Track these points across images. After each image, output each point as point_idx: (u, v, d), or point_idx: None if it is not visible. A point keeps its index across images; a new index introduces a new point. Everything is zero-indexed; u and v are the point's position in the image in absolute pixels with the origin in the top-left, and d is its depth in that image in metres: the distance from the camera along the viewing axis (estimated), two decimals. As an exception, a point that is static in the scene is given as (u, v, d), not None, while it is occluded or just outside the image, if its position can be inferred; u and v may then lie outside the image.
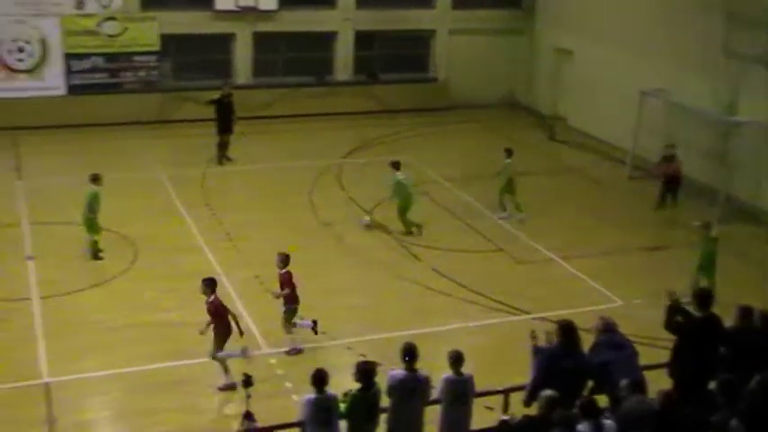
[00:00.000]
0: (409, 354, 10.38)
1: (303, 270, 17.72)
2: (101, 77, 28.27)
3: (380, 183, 21.97)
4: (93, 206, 17.93)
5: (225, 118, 24.54)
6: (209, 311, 13.49)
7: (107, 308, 16.08)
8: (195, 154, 25.05)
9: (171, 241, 19.23)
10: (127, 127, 27.30)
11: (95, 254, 18.13)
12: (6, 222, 19.79)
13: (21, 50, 27.35)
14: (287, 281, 14.65)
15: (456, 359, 10.55)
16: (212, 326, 13.59)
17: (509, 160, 21.09)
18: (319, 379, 10.18)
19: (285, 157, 23.92)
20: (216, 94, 24.82)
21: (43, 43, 27.51)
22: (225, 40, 29.57)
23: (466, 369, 10.58)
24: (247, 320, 15.65)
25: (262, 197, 22.42)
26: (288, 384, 13.69)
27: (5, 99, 26.98)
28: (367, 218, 20.51)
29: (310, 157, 25.14)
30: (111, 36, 28.02)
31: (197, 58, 29.51)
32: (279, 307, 16.13)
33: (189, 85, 29.11)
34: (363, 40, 30.81)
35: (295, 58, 30.47)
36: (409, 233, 20.01)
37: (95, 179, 18.23)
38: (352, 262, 18.69)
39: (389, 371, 10.53)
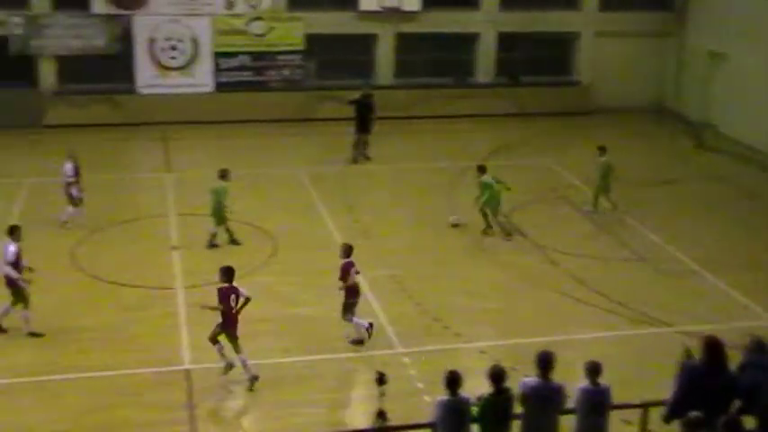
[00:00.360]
0: (544, 362, 10.11)
1: (439, 271, 17.86)
2: (247, 75, 29.12)
3: (517, 185, 21.70)
4: (221, 201, 18.43)
5: (364, 118, 24.81)
6: (218, 297, 13.51)
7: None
8: (336, 152, 25.39)
9: (309, 237, 19.52)
10: (270, 124, 27.98)
11: (212, 243, 18.66)
12: (155, 213, 20.61)
13: (173, 48, 28.48)
14: (345, 271, 14.68)
15: (593, 369, 10.20)
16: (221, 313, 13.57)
17: (603, 158, 20.79)
18: (452, 381, 10.05)
19: (424, 158, 23.94)
20: (356, 95, 25.07)
21: (195, 42, 28.55)
22: (368, 41, 29.88)
23: (603, 380, 10.22)
24: (381, 319, 15.70)
25: (400, 197, 22.49)
26: (419, 385, 13.62)
27: (157, 95, 28.15)
28: (455, 217, 20.17)
29: (449, 159, 25.05)
30: (257, 35, 28.80)
31: (340, 57, 29.93)
32: (413, 307, 16.20)
33: (331, 84, 29.57)
34: (505, 41, 30.51)
35: (436, 59, 30.49)
36: (488, 229, 19.74)
37: (223, 175, 18.73)
38: (489, 265, 18.45)
39: (523, 378, 10.30)
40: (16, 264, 14.50)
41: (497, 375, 10.06)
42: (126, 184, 22.81)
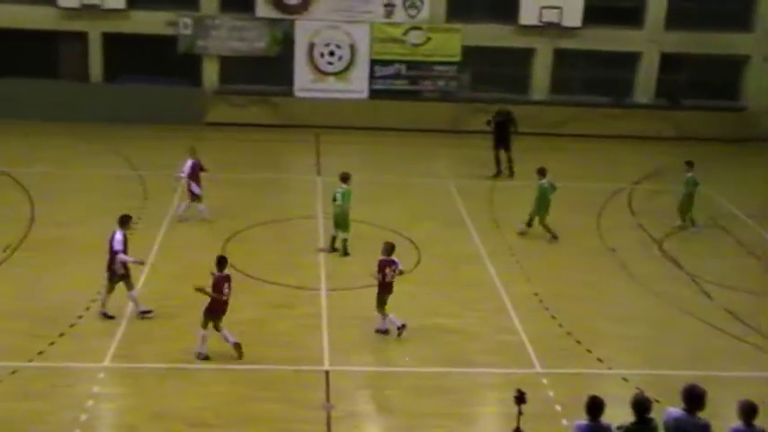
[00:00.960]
0: (692, 396, 9.64)
1: (584, 292, 17.41)
2: (401, 84, 29.35)
3: (672, 211, 20.95)
4: (345, 204, 18.61)
5: (499, 135, 24.75)
6: (212, 284, 13.97)
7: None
8: (485, 166, 25.21)
9: (453, 249, 19.43)
10: (421, 134, 28.11)
11: (345, 251, 18.65)
12: (304, 215, 21.00)
13: (331, 54, 29.02)
14: (381, 268, 15.20)
15: (749, 410, 9.64)
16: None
17: (690, 174, 20.75)
18: (594, 406, 9.78)
19: (576, 177, 23.42)
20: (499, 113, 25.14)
21: (352, 48, 29.01)
22: (525, 55, 29.56)
23: (759, 422, 9.63)
24: (521, 337, 15.44)
25: (549, 214, 22.00)
26: (557, 407, 13.27)
27: (313, 99, 28.75)
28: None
29: (601, 179, 24.42)
30: (414, 45, 29.00)
31: (495, 71, 29.73)
32: (555, 328, 15.85)
33: (485, 97, 29.37)
34: (668, 62, 29.51)
35: (593, 77, 29.86)
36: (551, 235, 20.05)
37: (345, 179, 18.83)
38: (637, 291, 17.83)
39: (667, 408, 9.85)
40: (124, 252, 15.30)
41: (641, 404, 9.71)
42: (278, 184, 23.37)
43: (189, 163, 19.91)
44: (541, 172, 20.25)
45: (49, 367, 13.70)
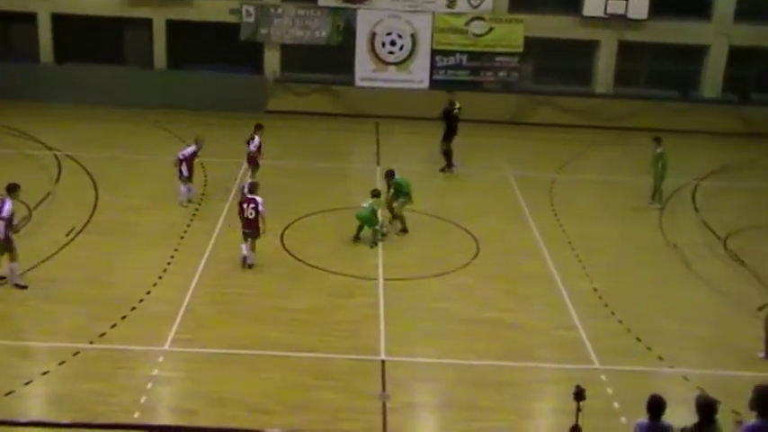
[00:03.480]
0: (763, 400, 9.37)
1: (646, 290, 17.13)
2: (462, 75, 29.16)
3: (738, 209, 20.45)
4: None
5: (449, 126, 23.76)
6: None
7: (445, 298, 16.43)
8: (546, 158, 24.96)
9: (512, 242, 19.26)
10: (482, 125, 27.84)
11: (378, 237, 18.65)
12: (364, 203, 20.91)
13: (393, 44, 28.95)
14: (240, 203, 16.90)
15: (655, 404, 9.73)
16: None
17: (661, 149, 21.29)
18: (656, 405, 9.68)
19: (639, 172, 22.98)
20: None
21: (414, 38, 28.90)
22: (588, 47, 29.14)
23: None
24: (581, 333, 15.23)
25: (609, 209, 21.73)
26: (616, 405, 13.06)
27: (373, 89, 28.69)
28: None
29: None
30: (476, 35, 28.76)
31: (558, 62, 29.38)
32: (615, 324, 15.63)
33: (547, 89, 29.10)
34: (737, 56, 28.82)
35: (659, 71, 29.32)
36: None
37: (376, 195, 18.71)
38: (700, 288, 17.46)
39: (731, 412, 9.64)
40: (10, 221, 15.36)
41: (707, 406, 9.51)
42: (337, 173, 23.41)
43: (193, 148, 20.39)
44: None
45: (110, 349, 13.92)
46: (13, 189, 15.74)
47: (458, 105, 23.78)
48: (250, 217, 16.72)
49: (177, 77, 28.95)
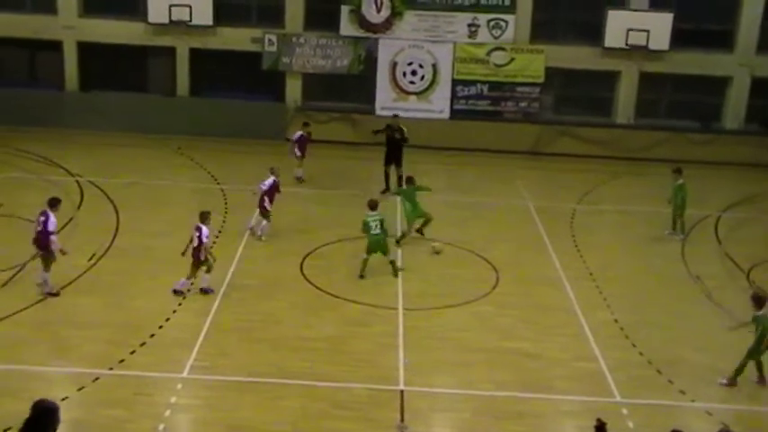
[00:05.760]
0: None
1: (667, 321, 16.99)
2: (483, 105, 29.23)
3: (762, 241, 20.27)
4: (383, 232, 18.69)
5: (391, 150, 23.89)
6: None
7: (464, 328, 16.35)
8: (566, 188, 24.91)
9: (532, 271, 19.17)
10: (502, 155, 27.93)
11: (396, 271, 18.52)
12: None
13: (414, 73, 29.08)
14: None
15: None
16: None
17: (681, 180, 21.33)
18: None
19: (660, 203, 22.87)
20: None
21: (434, 68, 29.01)
22: (609, 78, 29.15)
23: None
24: (601, 364, 15.09)
25: (630, 240, 21.63)
26: (637, 439, 12.94)
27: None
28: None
29: (687, 206, 23.77)
30: (497, 65, 28.85)
31: (579, 93, 29.40)
32: (636, 356, 15.46)
33: (568, 119, 29.10)
34: (760, 87, 28.71)
35: (680, 102, 29.27)
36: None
37: (374, 206, 18.63)
38: (722, 321, 17.21)
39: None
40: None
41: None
42: (357, 201, 23.36)
43: (270, 180, 20.12)
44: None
45: (129, 376, 13.92)
46: (54, 203, 16.38)
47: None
48: (194, 245, 16.71)
49: (199, 105, 29.20)
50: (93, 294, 16.74)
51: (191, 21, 28.46)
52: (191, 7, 28.31)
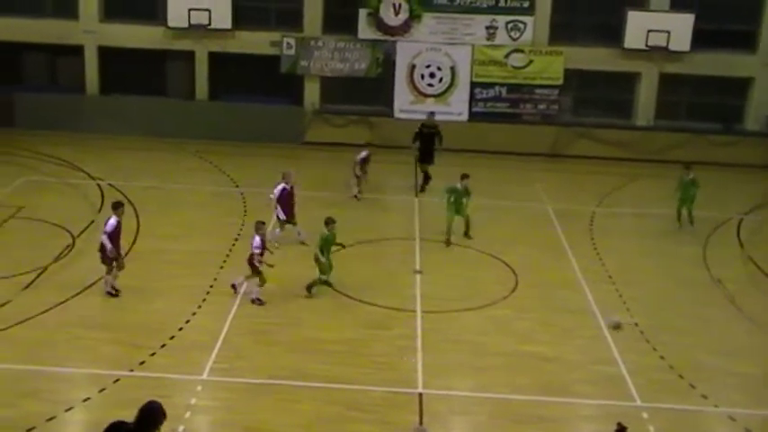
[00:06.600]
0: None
1: (688, 325, 16.88)
2: (501, 107, 29.15)
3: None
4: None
5: (424, 148, 24.63)
6: None
7: (483, 331, 16.30)
8: (585, 191, 24.79)
9: (551, 274, 19.08)
10: (521, 157, 27.82)
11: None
12: (402, 236, 20.99)
13: (432, 76, 29.04)
14: None
15: None
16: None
17: (692, 175, 21.73)
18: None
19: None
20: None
21: (453, 71, 28.96)
22: (629, 79, 28.98)
23: None
24: (621, 368, 15.00)
25: (650, 243, 21.46)
26: (658, 443, 12.84)
27: (412, 120, 28.69)
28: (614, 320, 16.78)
29: (708, 209, 23.55)
30: (516, 68, 28.75)
31: (598, 95, 29.27)
32: (657, 360, 15.35)
33: (587, 121, 28.97)
34: (783, 87, 28.51)
35: (701, 103, 29.07)
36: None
37: (329, 222, 17.72)
38: (745, 325, 17.12)
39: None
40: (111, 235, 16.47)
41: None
42: (375, 204, 23.42)
43: (279, 187, 19.76)
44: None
45: (149, 377, 13.97)
46: (117, 206, 16.83)
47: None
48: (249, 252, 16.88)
49: (218, 108, 29.27)
50: (112, 296, 16.79)
51: (210, 24, 28.54)
52: (210, 11, 28.39)
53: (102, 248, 16.57)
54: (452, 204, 20.52)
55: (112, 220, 16.54)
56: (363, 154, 23.29)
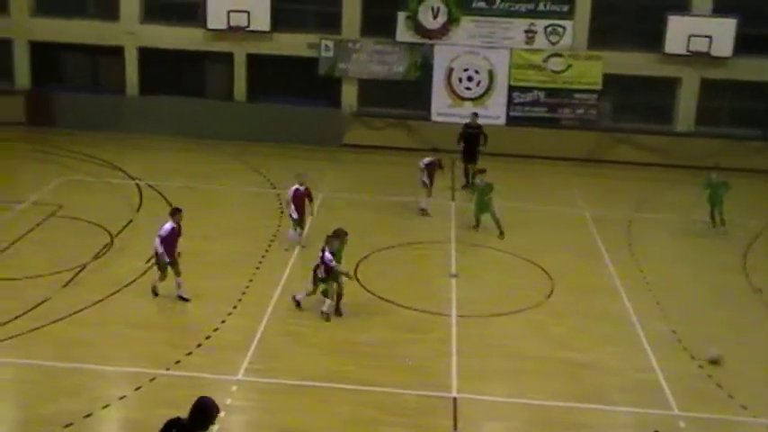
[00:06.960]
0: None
1: (727, 333, 16.61)
2: (539, 111, 29.00)
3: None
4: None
5: (468, 148, 25.15)
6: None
7: (518, 336, 16.21)
8: (623, 196, 24.58)
9: (588, 280, 18.94)
10: (558, 162, 27.67)
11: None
12: (438, 239, 20.95)
13: (470, 79, 28.99)
14: None
15: None
16: None
17: (719, 178, 21.88)
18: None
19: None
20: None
21: (491, 74, 28.88)
22: (669, 85, 28.69)
23: None
24: (659, 376, 14.83)
25: (688, 250, 21.25)
26: (695, 452, 12.67)
27: (449, 123, 28.68)
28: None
29: (748, 216, 23.31)
30: (554, 72, 28.60)
31: (638, 100, 29.02)
32: (695, 369, 15.16)
33: (626, 126, 28.74)
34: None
35: (743, 109, 28.70)
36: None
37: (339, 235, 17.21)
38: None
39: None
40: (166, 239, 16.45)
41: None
42: (412, 207, 23.37)
43: (293, 188, 19.57)
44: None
45: (185, 377, 14.06)
46: (175, 213, 16.90)
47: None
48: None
49: (256, 110, 29.46)
50: (151, 296, 16.94)
51: (248, 26, 28.75)
52: (249, 13, 28.60)
53: (156, 252, 16.63)
54: (479, 200, 21.12)
55: (168, 225, 16.56)
56: (427, 160, 22.73)
